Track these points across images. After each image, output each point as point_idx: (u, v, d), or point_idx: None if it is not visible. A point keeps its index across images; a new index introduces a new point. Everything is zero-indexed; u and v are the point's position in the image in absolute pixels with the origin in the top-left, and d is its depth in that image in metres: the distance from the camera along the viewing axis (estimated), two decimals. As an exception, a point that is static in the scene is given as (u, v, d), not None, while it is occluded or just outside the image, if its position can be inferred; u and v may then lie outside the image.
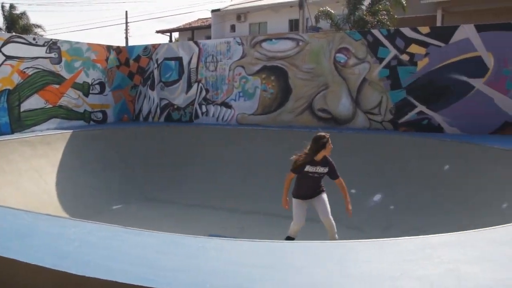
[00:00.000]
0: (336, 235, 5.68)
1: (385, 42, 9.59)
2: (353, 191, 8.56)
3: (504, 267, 2.58)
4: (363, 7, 24.70)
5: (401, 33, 9.51)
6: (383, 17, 24.08)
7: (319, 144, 5.56)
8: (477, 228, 3.46)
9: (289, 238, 5.79)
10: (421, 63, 9.26)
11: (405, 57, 9.40)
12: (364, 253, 2.86)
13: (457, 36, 8.96)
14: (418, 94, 9.34)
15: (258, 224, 8.27)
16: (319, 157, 5.60)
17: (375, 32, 9.89)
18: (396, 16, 24.35)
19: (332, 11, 24.93)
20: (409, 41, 9.36)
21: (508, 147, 7.07)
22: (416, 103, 9.35)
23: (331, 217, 5.67)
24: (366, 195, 8.45)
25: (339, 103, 10.10)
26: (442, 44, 9.09)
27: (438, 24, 25.17)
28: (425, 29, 9.32)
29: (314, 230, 6.20)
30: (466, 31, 8.90)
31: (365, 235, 6.60)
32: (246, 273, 2.52)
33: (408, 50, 9.36)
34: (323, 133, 5.68)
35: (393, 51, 9.51)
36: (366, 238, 3.40)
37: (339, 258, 2.78)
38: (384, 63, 9.60)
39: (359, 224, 7.63)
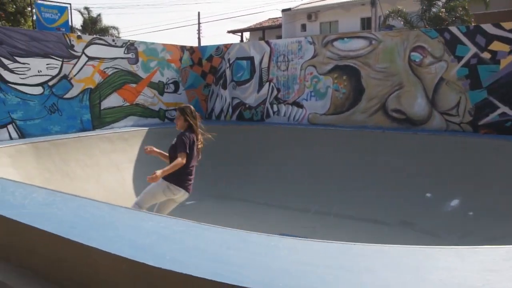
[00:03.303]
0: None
1: (464, 39, 9.12)
2: (428, 195, 8.26)
3: None
4: (440, 3, 23.81)
5: (481, 29, 8.99)
6: (460, 13, 23.09)
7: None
8: None
9: None
10: (505, 61, 8.69)
11: (486, 55, 8.89)
12: (443, 260, 2.72)
13: (546, 32, 8.35)
14: (501, 94, 8.80)
15: (329, 225, 8.16)
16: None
17: (453, 29, 9.43)
18: (471, 13, 23.25)
19: (404, 9, 24.26)
20: (491, 38, 8.83)
21: None
22: (499, 103, 8.82)
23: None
24: (442, 199, 8.09)
25: (414, 103, 9.73)
26: (528, 41, 8.51)
27: (524, 20, 23.64)
28: (509, 25, 8.74)
29: (383, 232, 6.03)
30: (556, 27, 8.28)
31: (441, 242, 6.33)
32: (319, 274, 2.47)
33: (490, 47, 8.83)
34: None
35: (473, 49, 9.02)
36: (443, 244, 3.23)
37: (415, 264, 2.66)
38: (463, 61, 9.13)
39: (435, 230, 7.33)
